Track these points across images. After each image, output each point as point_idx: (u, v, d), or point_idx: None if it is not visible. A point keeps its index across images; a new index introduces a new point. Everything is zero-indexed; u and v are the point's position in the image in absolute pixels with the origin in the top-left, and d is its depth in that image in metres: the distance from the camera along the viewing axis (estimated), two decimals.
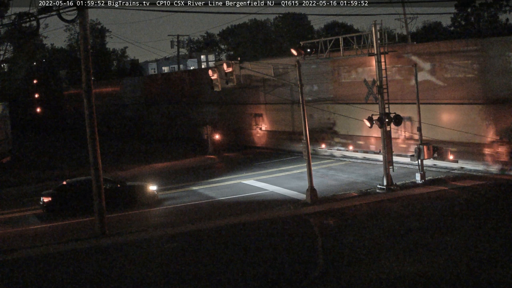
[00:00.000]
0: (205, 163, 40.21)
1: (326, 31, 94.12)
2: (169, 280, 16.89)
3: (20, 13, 22.73)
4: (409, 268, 16.08)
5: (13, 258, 20.19)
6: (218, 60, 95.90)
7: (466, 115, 28.93)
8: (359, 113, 30.81)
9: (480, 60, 28.12)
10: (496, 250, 17.12)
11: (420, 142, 27.48)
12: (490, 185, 25.63)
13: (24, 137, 63.73)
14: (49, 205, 26.66)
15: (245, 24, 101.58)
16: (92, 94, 22.41)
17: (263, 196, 27.85)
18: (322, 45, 28.85)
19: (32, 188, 33.97)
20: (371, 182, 28.36)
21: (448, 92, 29.59)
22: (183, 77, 57.19)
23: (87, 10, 21.81)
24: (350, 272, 16.27)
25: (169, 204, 27.67)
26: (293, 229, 21.48)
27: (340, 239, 19.58)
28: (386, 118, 26.06)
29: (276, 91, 39.52)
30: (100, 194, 22.45)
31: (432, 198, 24.38)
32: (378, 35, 26.45)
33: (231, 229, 22.02)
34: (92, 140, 22.38)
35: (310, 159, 25.37)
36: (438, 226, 20.08)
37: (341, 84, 36.04)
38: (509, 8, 68.38)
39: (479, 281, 14.94)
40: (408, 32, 51.25)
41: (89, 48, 22.23)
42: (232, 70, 26.00)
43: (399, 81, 31.51)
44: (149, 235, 21.94)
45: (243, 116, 46.45)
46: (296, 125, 39.10)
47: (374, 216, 22.20)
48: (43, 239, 22.62)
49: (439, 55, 30.02)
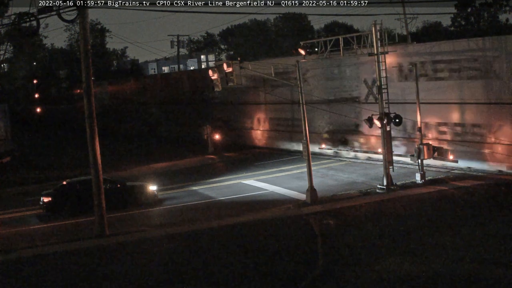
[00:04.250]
0: (205, 163, 40.19)
1: (326, 31, 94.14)
2: (169, 280, 16.89)
3: (20, 13, 22.59)
4: (409, 268, 16.09)
5: (13, 258, 20.18)
6: (218, 60, 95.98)
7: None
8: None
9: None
10: (497, 250, 17.13)
11: (420, 142, 27.48)
12: (490, 185, 25.63)
13: (24, 137, 63.67)
14: (49, 205, 26.65)
15: (245, 24, 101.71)
16: (92, 94, 22.41)
17: (263, 196, 27.84)
18: (322, 45, 28.85)
19: (32, 188, 33.95)
20: (371, 182, 28.36)
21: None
22: (183, 77, 57.21)
23: (87, 10, 21.80)
24: (350, 272, 16.27)
25: (169, 204, 27.67)
26: (293, 229, 21.48)
27: (340, 239, 19.59)
28: (386, 118, 26.08)
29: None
30: (100, 194, 22.43)
31: (432, 198, 24.37)
32: (378, 35, 26.45)
33: (231, 229, 22.02)
34: (92, 140, 22.38)
35: (310, 159, 25.37)
36: (438, 226, 20.09)
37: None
38: (509, 8, 68.40)
39: (479, 281, 14.95)
40: (408, 32, 51.22)
41: (89, 48, 22.22)
42: (232, 70, 26.00)
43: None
44: (149, 235, 21.93)
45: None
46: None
47: (374, 216, 22.20)
48: (43, 239, 22.62)
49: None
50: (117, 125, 66.68)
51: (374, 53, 26.49)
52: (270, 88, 41.45)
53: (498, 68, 27.49)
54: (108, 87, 70.78)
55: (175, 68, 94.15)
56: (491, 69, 27.75)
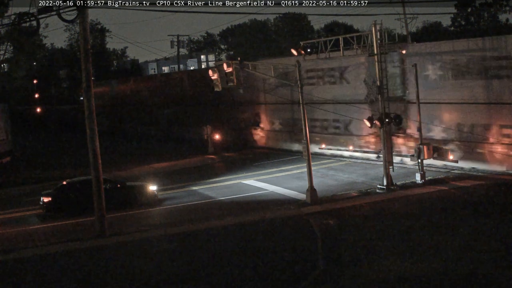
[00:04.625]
0: (205, 163, 40.19)
1: (326, 31, 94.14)
2: (169, 280, 16.89)
3: (20, 13, 22.58)
4: (409, 268, 16.08)
5: (13, 258, 20.18)
6: (218, 60, 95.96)
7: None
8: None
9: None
10: (496, 250, 17.12)
11: (420, 142, 27.48)
12: (490, 185, 25.63)
13: (24, 137, 63.64)
14: (49, 205, 26.64)
15: (245, 24, 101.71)
16: (92, 94, 22.40)
17: (263, 196, 27.84)
18: (322, 45, 28.86)
19: (32, 188, 33.94)
20: (371, 182, 28.36)
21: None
22: (183, 78, 57.14)
23: (87, 10, 21.80)
24: (350, 272, 16.27)
25: (169, 204, 27.66)
26: (293, 229, 21.48)
27: (340, 239, 19.58)
28: (386, 118, 26.08)
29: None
30: (100, 194, 22.43)
31: (432, 198, 24.38)
32: (378, 35, 26.44)
33: (230, 229, 22.02)
34: (92, 140, 22.37)
35: (310, 159, 25.36)
36: (438, 226, 20.08)
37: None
38: (509, 8, 68.35)
39: (479, 281, 14.94)
40: (408, 32, 51.20)
41: (89, 48, 22.21)
42: (232, 70, 25.99)
43: None
44: (149, 235, 21.92)
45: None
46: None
47: (374, 216, 22.20)
48: (43, 239, 22.61)
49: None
50: (127, 125, 66.17)
51: (374, 53, 26.51)
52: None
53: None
54: (117, 85, 70.14)
55: (175, 68, 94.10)
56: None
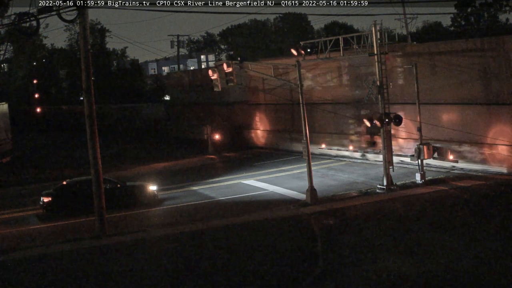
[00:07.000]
0: (205, 163, 40.19)
1: (326, 31, 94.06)
2: (169, 280, 16.89)
3: (20, 13, 22.56)
4: (409, 268, 16.08)
5: (13, 258, 20.18)
6: (218, 60, 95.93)
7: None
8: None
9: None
10: (497, 250, 17.12)
11: (420, 142, 27.47)
12: (490, 185, 25.62)
13: (24, 137, 63.62)
14: (49, 205, 26.64)
15: (245, 24, 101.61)
16: (92, 94, 22.40)
17: (263, 196, 27.84)
18: (322, 45, 28.86)
19: (32, 188, 33.94)
20: (371, 182, 28.36)
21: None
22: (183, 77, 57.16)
23: (87, 10, 21.79)
24: (350, 272, 16.27)
25: (169, 204, 27.66)
26: (293, 229, 21.48)
27: (340, 239, 19.58)
28: (386, 118, 26.06)
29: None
30: (100, 194, 22.43)
31: (432, 198, 24.38)
32: (378, 35, 26.44)
33: (231, 229, 22.02)
34: (92, 140, 22.36)
35: (310, 159, 25.36)
36: (438, 226, 20.08)
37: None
38: (509, 8, 68.27)
39: (479, 281, 14.94)
40: (408, 32, 51.21)
41: (89, 48, 22.22)
42: (232, 70, 25.99)
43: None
44: (149, 235, 21.92)
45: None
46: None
47: (374, 216, 22.20)
48: (43, 239, 22.62)
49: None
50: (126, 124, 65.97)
51: (374, 53, 26.50)
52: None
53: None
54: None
55: (175, 68, 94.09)
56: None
